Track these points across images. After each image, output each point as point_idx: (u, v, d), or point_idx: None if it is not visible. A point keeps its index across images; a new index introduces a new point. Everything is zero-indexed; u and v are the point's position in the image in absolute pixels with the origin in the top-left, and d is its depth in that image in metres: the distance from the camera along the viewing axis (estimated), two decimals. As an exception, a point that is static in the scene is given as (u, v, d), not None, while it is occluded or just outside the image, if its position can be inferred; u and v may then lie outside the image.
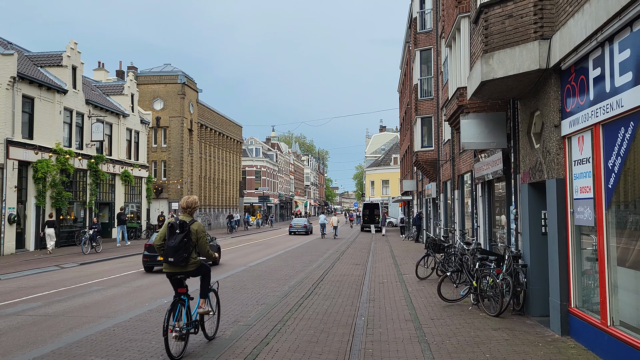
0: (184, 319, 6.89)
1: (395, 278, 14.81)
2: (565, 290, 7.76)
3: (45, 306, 11.16)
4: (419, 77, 25.44)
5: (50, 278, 15.82)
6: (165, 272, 7.02)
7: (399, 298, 11.45)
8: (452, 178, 19.12)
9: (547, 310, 9.02)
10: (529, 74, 8.08)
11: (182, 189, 43.24)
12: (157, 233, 7.21)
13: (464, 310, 9.93)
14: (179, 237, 6.74)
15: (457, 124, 12.41)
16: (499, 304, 9.18)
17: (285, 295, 11.71)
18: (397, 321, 9.05)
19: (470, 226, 15.97)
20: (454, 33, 12.67)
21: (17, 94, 23.64)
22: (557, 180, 7.83)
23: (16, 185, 23.43)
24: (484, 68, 8.40)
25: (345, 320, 9.20)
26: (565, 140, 7.77)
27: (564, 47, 7.24)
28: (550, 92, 8.03)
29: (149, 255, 16.94)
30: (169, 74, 43.91)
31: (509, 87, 8.91)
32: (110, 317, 9.92)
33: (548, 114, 8.18)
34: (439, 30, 21.43)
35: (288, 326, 8.62)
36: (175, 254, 6.72)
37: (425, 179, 28.86)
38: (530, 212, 9.24)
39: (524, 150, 9.52)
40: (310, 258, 21.32)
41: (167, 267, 6.92)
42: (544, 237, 9.13)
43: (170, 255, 6.75)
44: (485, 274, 9.70)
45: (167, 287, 13.62)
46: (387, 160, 72.31)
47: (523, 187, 9.51)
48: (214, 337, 7.81)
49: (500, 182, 12.17)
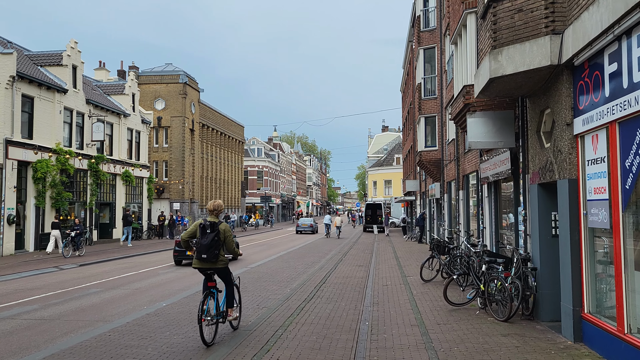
0: (214, 310, 7.70)
1: (399, 280, 14.51)
2: (578, 294, 7.45)
3: (41, 309, 10.90)
4: (423, 76, 25.13)
5: (48, 280, 15.57)
6: (195, 267, 7.79)
7: (404, 301, 11.16)
8: (456, 178, 18.82)
9: (557, 315, 8.70)
10: (540, 70, 7.78)
11: (184, 190, 43.00)
12: (186, 230, 8.08)
13: (471, 314, 9.63)
14: (210, 236, 7.59)
15: (463, 123, 12.11)
16: (507, 309, 8.87)
17: (286, 299, 11.42)
18: (403, 326, 8.76)
19: (476, 227, 15.66)
20: (459, 30, 12.37)
21: (17, 94, 23.41)
22: (570, 181, 7.52)
23: (15, 185, 23.20)
24: (493, 64, 8.10)
25: (349, 325, 8.91)
26: (578, 139, 7.46)
27: (577, 42, 6.94)
28: (561, 89, 7.73)
29: (179, 251, 18.91)
30: (170, 73, 43.68)
31: (518, 85, 8.61)
32: (107, 320, 9.65)
33: (559, 111, 7.87)
34: (442, 29, 21.12)
35: (289, 332, 8.33)
36: (208, 251, 7.56)
37: (429, 179, 28.55)
38: (540, 213, 8.94)
39: (533, 150, 9.22)
40: (313, 259, 21.04)
41: (197, 263, 7.74)
42: (555, 239, 8.83)
43: (203, 253, 7.57)
44: (493, 277, 9.39)
45: (165, 290, 13.36)
46: (390, 160, 71.97)
47: (532, 188, 9.20)
48: (237, 327, 8.50)
49: (507, 183, 11.87)
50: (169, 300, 11.62)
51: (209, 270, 7.78)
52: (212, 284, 7.77)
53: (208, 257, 7.58)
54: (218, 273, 7.89)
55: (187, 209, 43.49)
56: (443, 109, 22.45)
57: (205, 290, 7.70)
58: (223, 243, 7.77)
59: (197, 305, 10.74)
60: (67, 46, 28.34)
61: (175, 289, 13.47)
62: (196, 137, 45.59)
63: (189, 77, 43.94)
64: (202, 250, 7.58)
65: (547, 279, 8.86)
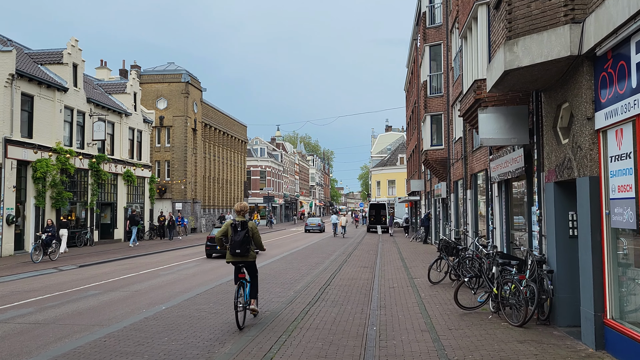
0: (245, 297, 8.76)
1: (406, 282, 14.09)
2: (600, 299, 7.02)
3: (37, 312, 10.52)
4: (429, 73, 24.68)
5: (46, 281, 15.21)
6: (229, 261, 8.81)
7: (412, 305, 10.74)
8: (464, 177, 18.38)
9: (576, 320, 8.29)
10: (558, 61, 7.35)
11: (186, 189, 42.65)
12: (219, 229, 9.39)
13: (484, 319, 9.20)
14: (242, 234, 8.62)
15: (473, 119, 11.68)
16: (522, 313, 8.44)
17: (290, 302, 11.01)
18: (412, 331, 8.34)
19: (485, 227, 15.23)
20: (469, 22, 11.94)
21: (16, 92, 23.07)
22: (590, 179, 7.09)
23: (15, 185, 22.85)
24: (508, 56, 7.68)
25: (356, 330, 8.50)
26: (600, 134, 7.03)
27: (600, 30, 6.51)
28: (581, 81, 7.30)
29: (210, 245, 21.61)
30: (172, 72, 43.31)
31: (534, 78, 8.18)
32: (103, 325, 9.27)
33: (579, 105, 7.44)
34: (449, 25, 20.69)
35: (294, 337, 7.91)
36: (241, 247, 8.60)
37: (434, 179, 28.10)
38: (556, 213, 8.51)
39: (549, 147, 8.79)
40: (317, 260, 20.63)
41: (230, 257, 8.77)
42: (572, 240, 8.41)
43: (237, 248, 8.61)
44: (507, 280, 8.97)
45: (165, 292, 12.96)
46: (394, 160, 71.49)
47: (548, 186, 8.78)
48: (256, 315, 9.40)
49: (519, 181, 11.44)
50: (169, 303, 11.23)
51: (240, 264, 8.80)
52: (242, 276, 8.80)
53: (241, 251, 8.62)
54: (247, 266, 8.89)
55: (189, 209, 43.14)
56: (449, 106, 22.01)
57: (237, 282, 8.72)
58: (252, 238, 8.80)
59: (196, 308, 10.44)
60: (68, 44, 28.00)
61: (175, 291, 13.08)
62: (198, 136, 45.23)
63: (191, 76, 43.55)
64: (236, 246, 8.62)
65: (565, 282, 8.44)
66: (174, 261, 20.97)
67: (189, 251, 26.25)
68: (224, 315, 9.76)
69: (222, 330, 8.49)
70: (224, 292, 12.52)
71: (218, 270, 17.72)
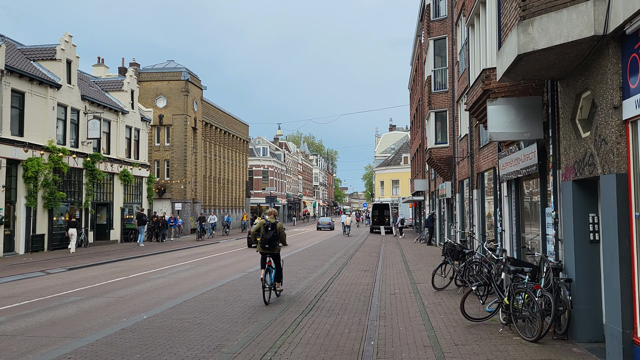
0: (270, 281, 11.06)
1: (408, 288, 13.21)
2: (628, 314, 6.13)
3: (8, 322, 9.71)
4: (433, 68, 23.76)
5: (29, 286, 14.41)
6: (259, 252, 11.21)
7: (414, 314, 9.86)
8: (470, 176, 17.47)
9: (598, 335, 7.41)
10: (580, 43, 6.46)
11: (186, 189, 41.86)
12: (254, 225, 11.82)
13: (494, 332, 8.31)
14: (271, 233, 11.07)
15: (481, 113, 10.80)
16: (537, 327, 7.56)
17: (282, 311, 10.15)
18: (414, 348, 7.46)
19: (492, 230, 14.32)
20: (477, 8, 11.04)
21: (6, 88, 22.30)
22: (617, 176, 6.21)
23: (4, 184, 22.09)
24: (522, 38, 6.79)
25: (351, 345, 7.64)
26: (629, 124, 6.14)
27: (631, 4, 5.63)
28: (606, 65, 6.42)
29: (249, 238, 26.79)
30: (172, 70, 42.50)
31: (551, 63, 7.29)
32: (76, 337, 8.45)
33: (603, 93, 6.55)
34: (454, 17, 19.78)
35: (280, 355, 7.05)
36: (270, 243, 11.10)
37: (439, 178, 27.17)
38: (575, 215, 7.62)
39: (566, 141, 7.90)
40: (316, 263, 19.76)
41: (261, 249, 11.18)
42: (594, 245, 7.52)
43: (266, 244, 11.10)
44: (519, 289, 8.08)
45: (151, 298, 12.09)
46: (397, 160, 70.53)
47: (566, 185, 7.88)
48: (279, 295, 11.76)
49: (532, 180, 10.54)
50: (152, 311, 10.39)
51: (268, 255, 11.19)
52: (269, 263, 11.18)
53: (269, 246, 11.12)
54: (273, 257, 11.25)
55: (189, 209, 42.36)
56: (454, 103, 21.10)
57: (264, 267, 11.05)
58: (278, 236, 11.16)
59: (179, 318, 9.63)
60: (61, 40, 27.22)
61: (162, 297, 12.25)
62: (199, 135, 44.43)
63: (191, 74, 42.74)
64: (266, 242, 11.08)
65: (585, 292, 7.54)
66: (167, 264, 20.15)
67: (185, 253, 25.43)
68: (208, 326, 8.92)
69: (202, 347, 7.63)
70: (213, 299, 11.68)
71: (211, 274, 16.91)
